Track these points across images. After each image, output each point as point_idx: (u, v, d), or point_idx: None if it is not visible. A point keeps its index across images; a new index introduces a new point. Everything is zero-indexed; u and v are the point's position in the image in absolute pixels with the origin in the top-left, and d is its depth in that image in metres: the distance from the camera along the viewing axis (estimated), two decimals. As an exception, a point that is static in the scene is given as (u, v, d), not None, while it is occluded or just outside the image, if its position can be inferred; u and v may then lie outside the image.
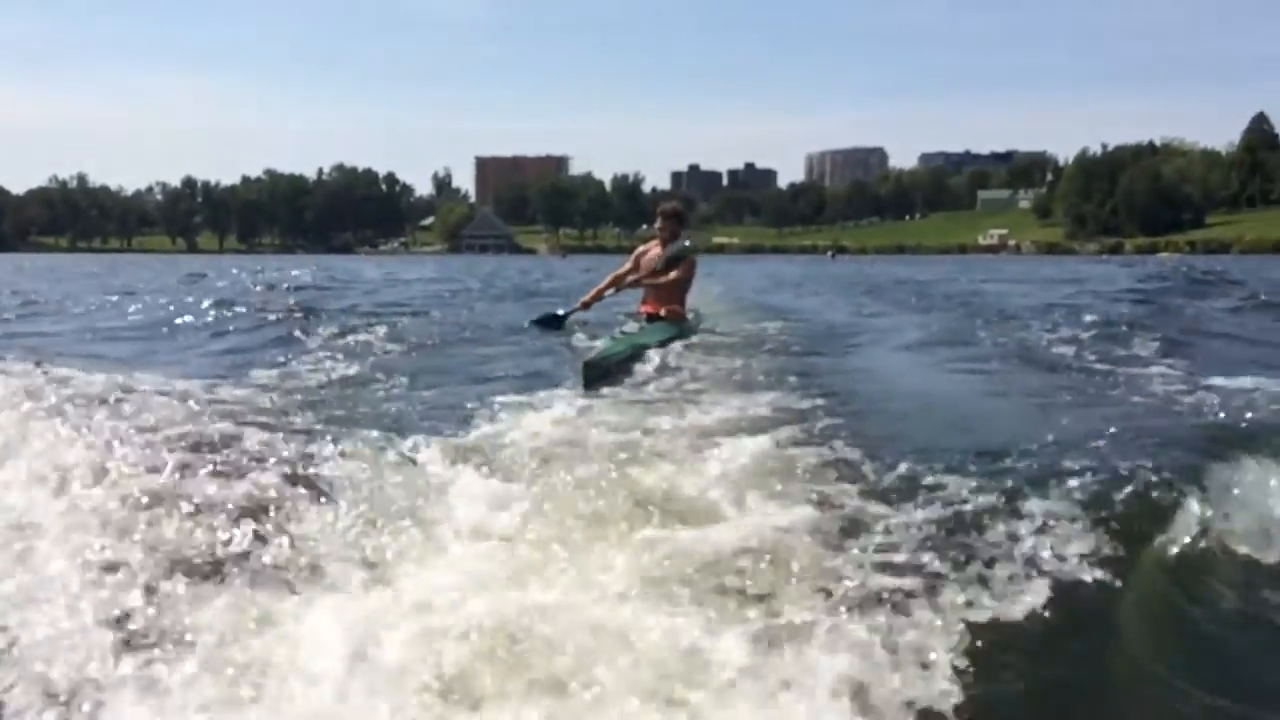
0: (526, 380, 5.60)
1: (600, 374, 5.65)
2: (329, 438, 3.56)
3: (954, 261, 67.60)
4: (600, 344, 6.97)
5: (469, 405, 4.43)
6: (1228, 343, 8.45)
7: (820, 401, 4.56)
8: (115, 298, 15.37)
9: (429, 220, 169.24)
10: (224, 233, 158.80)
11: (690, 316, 8.41)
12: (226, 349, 7.89)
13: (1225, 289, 16.50)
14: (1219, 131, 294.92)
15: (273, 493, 2.93)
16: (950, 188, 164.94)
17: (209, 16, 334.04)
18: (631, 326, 7.77)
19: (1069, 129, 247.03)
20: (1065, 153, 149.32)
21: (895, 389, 5.62)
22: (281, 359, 6.66)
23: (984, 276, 28.15)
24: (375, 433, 3.71)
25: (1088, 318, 9.28)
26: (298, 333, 8.33)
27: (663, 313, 8.00)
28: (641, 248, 8.71)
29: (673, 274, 8.18)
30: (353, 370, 6.06)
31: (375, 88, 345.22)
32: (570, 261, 46.75)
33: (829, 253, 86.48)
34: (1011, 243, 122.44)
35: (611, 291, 8.72)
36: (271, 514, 2.80)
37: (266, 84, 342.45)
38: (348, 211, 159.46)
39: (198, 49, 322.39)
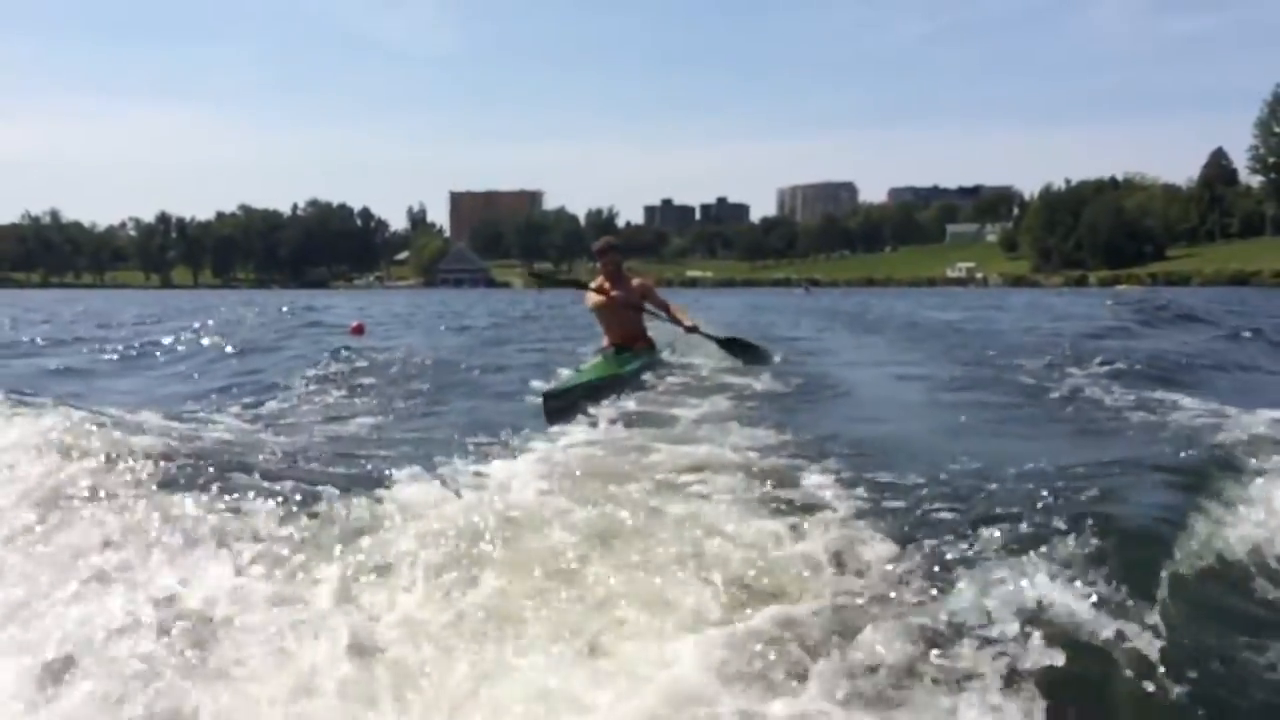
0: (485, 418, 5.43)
1: (561, 406, 5.33)
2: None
3: (923, 294, 68.98)
4: (565, 374, 6.77)
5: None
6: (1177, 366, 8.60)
7: (810, 436, 4.63)
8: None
9: (404, 255, 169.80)
10: (198, 268, 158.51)
11: (656, 345, 8.22)
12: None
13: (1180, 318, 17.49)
14: (1179, 166, 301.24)
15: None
16: (919, 222, 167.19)
17: (182, 50, 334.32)
18: (599, 360, 7.60)
19: (1034, 163, 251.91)
20: (1030, 187, 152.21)
21: (887, 417, 5.89)
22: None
23: (962, 308, 28.65)
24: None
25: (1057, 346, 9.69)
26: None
27: (629, 343, 7.88)
28: (596, 282, 8.29)
29: (637, 287, 8.13)
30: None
31: (349, 121, 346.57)
32: (550, 295, 46.51)
33: (803, 286, 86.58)
34: (979, 275, 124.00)
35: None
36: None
37: (240, 117, 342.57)
38: (323, 246, 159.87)
39: (171, 83, 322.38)
